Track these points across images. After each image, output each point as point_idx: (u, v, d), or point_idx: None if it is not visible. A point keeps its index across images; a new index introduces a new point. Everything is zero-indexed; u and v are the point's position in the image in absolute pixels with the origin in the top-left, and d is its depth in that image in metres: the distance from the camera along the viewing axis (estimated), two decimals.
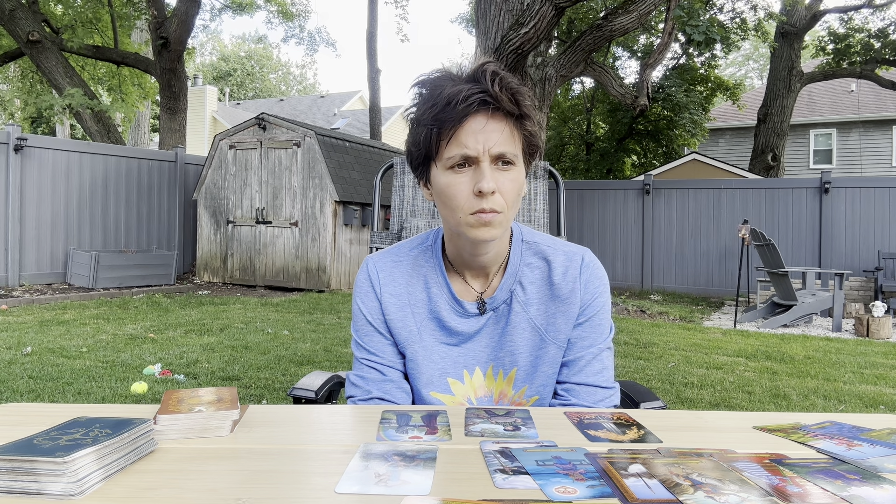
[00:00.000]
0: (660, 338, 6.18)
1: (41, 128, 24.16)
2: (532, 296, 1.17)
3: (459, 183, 1.04)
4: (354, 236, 9.60)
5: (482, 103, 1.01)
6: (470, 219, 1.05)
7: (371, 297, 1.19)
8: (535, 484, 0.68)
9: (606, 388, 1.18)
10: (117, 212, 9.33)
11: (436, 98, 1.03)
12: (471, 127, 1.03)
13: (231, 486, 0.68)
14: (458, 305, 1.17)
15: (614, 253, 10.74)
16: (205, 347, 5.09)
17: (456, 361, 1.18)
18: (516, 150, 1.05)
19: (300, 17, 20.00)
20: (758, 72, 40.11)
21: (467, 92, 1.01)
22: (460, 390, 1.18)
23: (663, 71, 16.08)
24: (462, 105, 1.01)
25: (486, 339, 1.18)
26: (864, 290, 8.84)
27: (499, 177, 1.04)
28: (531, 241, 1.20)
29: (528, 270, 1.18)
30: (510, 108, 1.03)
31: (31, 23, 10.87)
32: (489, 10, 7.75)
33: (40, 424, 0.80)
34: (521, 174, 1.07)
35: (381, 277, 1.19)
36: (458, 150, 1.03)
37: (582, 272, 1.17)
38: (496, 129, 1.03)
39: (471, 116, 1.02)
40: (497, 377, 1.19)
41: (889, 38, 14.38)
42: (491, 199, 1.03)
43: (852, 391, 4.22)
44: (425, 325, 1.18)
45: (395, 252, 1.22)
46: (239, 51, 44.63)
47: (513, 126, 1.05)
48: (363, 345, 1.20)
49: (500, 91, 1.01)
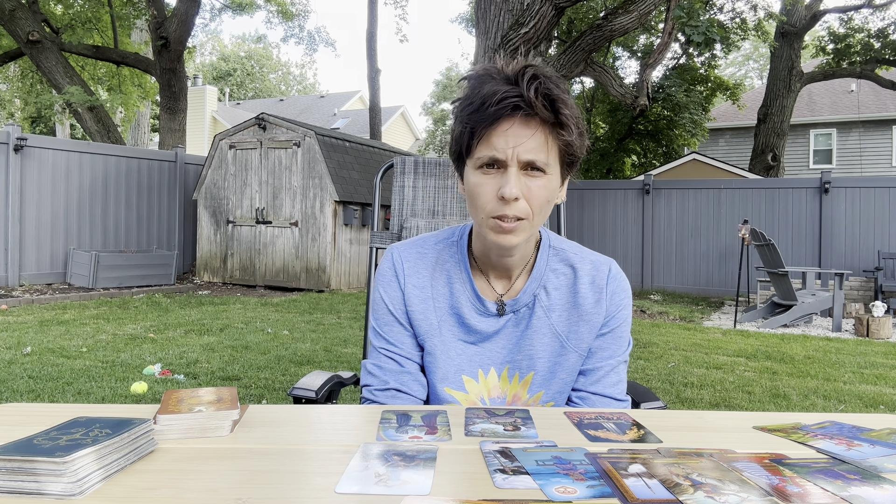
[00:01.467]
0: (660, 338, 6.18)
1: (40, 127, 24.15)
2: (556, 302, 1.17)
3: (486, 184, 1.04)
4: (354, 236, 9.60)
5: (515, 108, 0.99)
6: (491, 222, 1.05)
7: (395, 287, 1.18)
8: (535, 484, 0.68)
9: (620, 401, 1.19)
10: (117, 212, 9.33)
11: (473, 96, 1.02)
12: (502, 130, 1.01)
13: (231, 486, 0.68)
14: (480, 304, 1.16)
15: (614, 253, 10.74)
16: (205, 347, 5.09)
17: (472, 360, 1.18)
18: (549, 158, 1.03)
19: (300, 17, 20.00)
20: (758, 72, 40.11)
21: (502, 94, 0.99)
22: (474, 389, 1.18)
23: (663, 71, 16.08)
24: (494, 107, 0.99)
25: (504, 341, 1.18)
26: (864, 290, 8.84)
27: (527, 183, 1.02)
28: (558, 248, 1.20)
29: (554, 276, 1.17)
30: (545, 114, 1.00)
31: (31, 23, 10.87)
32: (489, 10, 7.75)
33: (40, 424, 0.80)
34: (552, 183, 1.05)
35: (405, 268, 1.19)
36: (487, 151, 1.02)
37: (609, 283, 1.17)
38: (528, 134, 1.01)
39: (504, 119, 1.01)
40: (512, 379, 1.18)
41: (889, 38, 14.38)
42: (514, 205, 1.02)
43: (852, 391, 4.22)
44: (445, 321, 1.18)
45: (421, 244, 1.21)
46: (239, 51, 44.63)
47: (548, 133, 1.02)
48: (382, 334, 1.19)
49: (536, 97, 0.99)
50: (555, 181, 1.06)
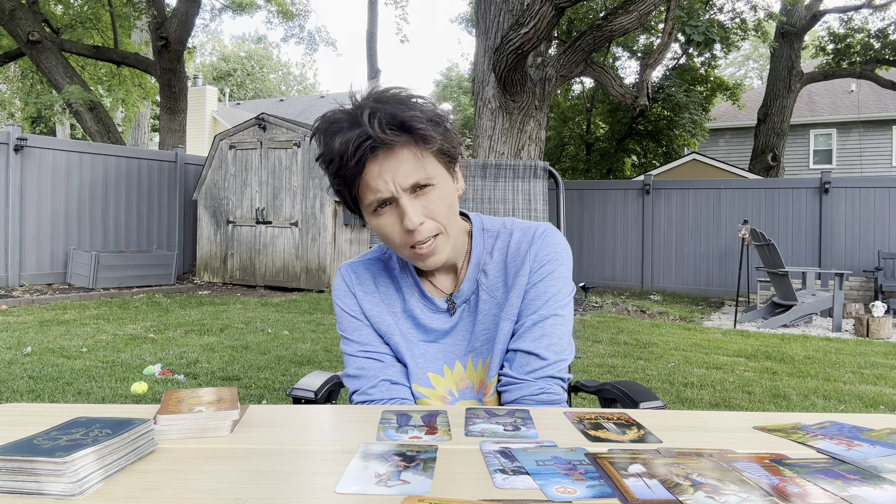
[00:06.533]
0: (660, 338, 6.18)
1: (40, 128, 24.16)
2: (494, 279, 1.17)
3: (387, 223, 1.04)
4: (354, 236, 9.60)
5: (372, 149, 0.98)
6: (408, 252, 1.06)
7: (349, 296, 1.20)
8: (535, 484, 0.68)
9: (543, 359, 1.12)
10: (117, 212, 9.33)
11: (331, 153, 1.00)
12: (374, 171, 1.00)
13: (231, 486, 0.68)
14: (431, 303, 1.18)
15: (614, 253, 10.74)
16: (205, 347, 5.09)
17: (436, 357, 1.18)
18: (429, 170, 1.02)
19: (300, 17, 20.01)
20: (758, 72, 40.11)
21: (354, 143, 0.97)
22: (441, 384, 1.18)
23: (663, 71, 16.08)
24: (353, 160, 0.98)
25: (462, 333, 1.18)
26: (864, 290, 8.84)
27: (422, 203, 1.02)
28: (491, 229, 1.20)
29: (490, 258, 1.18)
30: (401, 140, 0.98)
31: (31, 23, 10.87)
32: (489, 10, 7.75)
33: (40, 424, 0.80)
34: (444, 187, 1.05)
35: (354, 279, 1.21)
36: (371, 195, 1.02)
37: (533, 243, 1.16)
38: (398, 163, 0.99)
39: (369, 162, 0.99)
40: (477, 367, 1.18)
41: (889, 38, 14.38)
42: (421, 229, 1.02)
43: (852, 391, 4.22)
44: (402, 323, 1.19)
45: (367, 257, 1.24)
46: (239, 51, 44.63)
47: (415, 151, 1.00)
48: (354, 339, 1.19)
49: (383, 130, 0.96)
50: (445, 184, 1.06)
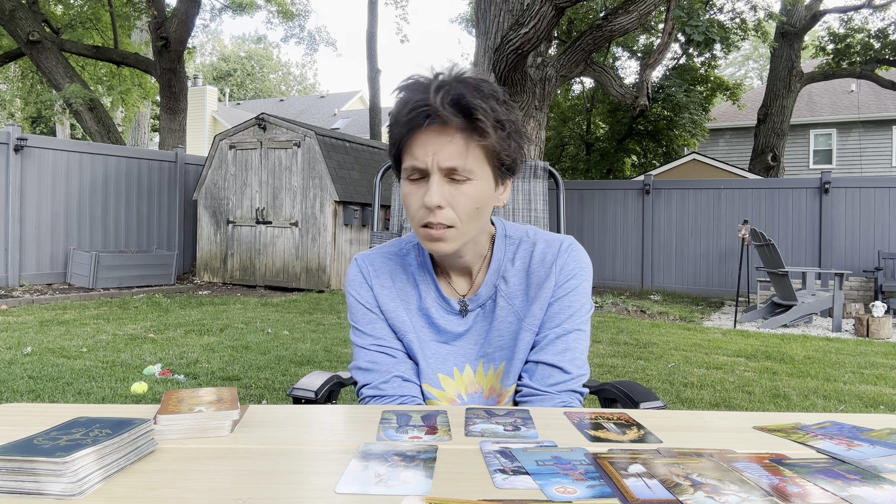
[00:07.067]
0: (660, 338, 6.18)
1: (40, 127, 24.16)
2: (514, 287, 1.17)
3: (413, 193, 1.04)
4: (354, 236, 9.60)
5: (426, 116, 0.98)
6: (421, 231, 1.05)
7: (365, 288, 1.19)
8: (535, 484, 0.68)
9: (566, 372, 1.12)
10: (117, 212, 9.33)
11: (397, 107, 1.02)
12: (421, 139, 1.00)
13: (231, 486, 0.68)
14: (446, 304, 1.17)
15: (614, 253, 10.74)
16: (205, 347, 5.09)
17: (445, 359, 1.18)
18: (472, 163, 1.01)
19: (300, 17, 20.01)
20: (758, 72, 40.11)
21: (412, 105, 0.99)
22: (451, 386, 1.18)
23: (663, 71, 16.08)
24: (405, 119, 0.99)
25: (475, 337, 1.18)
26: (864, 290, 8.84)
27: (451, 191, 1.02)
28: (514, 236, 1.20)
29: (511, 265, 1.17)
30: (456, 122, 0.98)
31: (31, 23, 10.87)
32: (489, 10, 7.75)
33: (40, 424, 0.80)
34: (479, 188, 1.04)
35: (371, 271, 1.19)
36: (410, 161, 1.02)
37: (559, 256, 1.16)
38: (445, 141, 0.99)
39: (422, 129, 1.00)
40: (487, 373, 1.18)
41: (889, 38, 14.38)
42: (439, 213, 1.02)
43: (852, 391, 4.22)
44: (416, 321, 1.18)
45: (384, 250, 1.22)
46: (239, 51, 44.64)
47: (467, 139, 1.00)
48: (367, 332, 1.18)
49: (443, 105, 0.97)
50: (484, 186, 1.05)
